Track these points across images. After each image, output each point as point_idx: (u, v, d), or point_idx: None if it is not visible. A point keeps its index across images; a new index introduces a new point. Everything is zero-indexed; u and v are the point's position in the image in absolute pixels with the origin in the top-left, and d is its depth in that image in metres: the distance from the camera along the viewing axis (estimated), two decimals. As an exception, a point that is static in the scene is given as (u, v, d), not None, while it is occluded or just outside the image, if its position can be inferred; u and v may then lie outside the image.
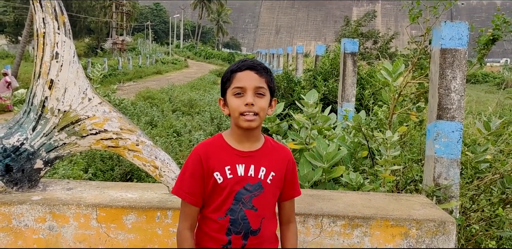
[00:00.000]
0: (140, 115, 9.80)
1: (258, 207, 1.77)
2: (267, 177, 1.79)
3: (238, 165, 1.77)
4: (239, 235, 1.76)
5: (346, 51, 6.44)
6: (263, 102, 1.73)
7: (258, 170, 1.78)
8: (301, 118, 4.18)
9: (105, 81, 21.35)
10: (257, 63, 1.77)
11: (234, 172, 1.76)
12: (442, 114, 3.25)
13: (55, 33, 2.55)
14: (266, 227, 1.81)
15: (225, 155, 1.78)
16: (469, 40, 3.46)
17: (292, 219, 1.95)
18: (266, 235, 1.82)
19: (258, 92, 1.73)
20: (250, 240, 1.77)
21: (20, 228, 2.48)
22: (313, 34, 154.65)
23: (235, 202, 1.75)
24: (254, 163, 1.78)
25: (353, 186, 3.37)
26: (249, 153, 1.79)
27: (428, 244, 2.42)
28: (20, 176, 2.62)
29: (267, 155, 1.82)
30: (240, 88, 1.72)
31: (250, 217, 1.76)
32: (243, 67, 1.75)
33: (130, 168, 5.90)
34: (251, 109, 1.70)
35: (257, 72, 1.74)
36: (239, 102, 1.71)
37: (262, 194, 1.78)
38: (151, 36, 71.18)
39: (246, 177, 1.77)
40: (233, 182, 1.75)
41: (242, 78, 1.73)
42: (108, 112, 2.68)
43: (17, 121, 2.64)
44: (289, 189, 1.90)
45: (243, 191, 1.76)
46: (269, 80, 1.77)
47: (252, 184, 1.77)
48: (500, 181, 3.67)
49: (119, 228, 2.48)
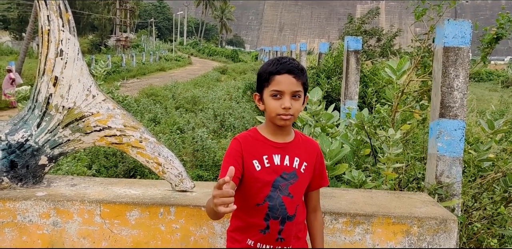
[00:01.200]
0: (144, 112, 9.82)
1: (294, 194, 1.89)
2: (300, 167, 1.91)
3: (275, 155, 1.88)
4: (276, 220, 1.87)
5: (349, 49, 6.45)
6: (298, 104, 1.84)
7: (292, 160, 1.90)
8: (305, 115, 4.19)
9: (108, 78, 21.42)
10: (295, 66, 1.84)
11: (271, 161, 1.87)
12: (445, 112, 3.25)
13: (59, 31, 2.57)
14: (299, 213, 1.93)
15: (261, 146, 1.89)
16: (473, 39, 3.46)
17: (318, 207, 2.09)
18: (300, 221, 1.94)
19: (294, 95, 1.82)
20: (287, 225, 1.88)
21: (25, 223, 2.50)
22: (317, 31, 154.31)
23: (273, 189, 1.86)
24: (289, 153, 1.90)
25: (355, 183, 3.39)
26: (283, 145, 1.91)
27: (430, 242, 2.43)
28: (24, 172, 2.65)
29: (299, 147, 1.94)
30: (279, 91, 1.81)
31: (287, 204, 1.87)
32: (282, 70, 1.81)
33: (133, 164, 5.93)
34: (287, 112, 1.81)
35: (295, 76, 1.82)
36: (276, 104, 1.81)
37: (297, 182, 1.90)
38: (154, 33, 71.15)
39: (282, 166, 1.88)
40: (271, 170, 1.86)
41: (281, 82, 1.81)
42: (112, 109, 2.69)
43: (22, 117, 2.66)
44: (319, 179, 2.01)
45: (280, 179, 1.87)
46: (304, 81, 1.86)
47: (288, 172, 1.88)
48: (503, 179, 3.67)
49: (122, 224, 2.50)
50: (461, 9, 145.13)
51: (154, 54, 42.52)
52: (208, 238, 2.47)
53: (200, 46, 68.49)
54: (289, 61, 1.86)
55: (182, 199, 2.59)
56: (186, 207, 2.49)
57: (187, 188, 2.73)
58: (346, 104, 6.26)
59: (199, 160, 6.43)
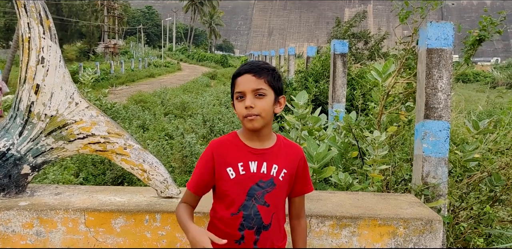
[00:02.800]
0: (132, 119, 9.79)
1: (270, 203, 1.83)
2: (279, 174, 1.85)
3: (251, 162, 1.83)
4: (251, 230, 1.82)
5: (336, 52, 6.48)
6: (263, 102, 1.77)
7: (270, 167, 1.84)
8: (292, 119, 4.19)
9: (97, 85, 21.32)
10: (256, 65, 1.81)
11: (246, 168, 1.82)
12: (430, 114, 3.27)
13: (40, 38, 2.55)
14: (276, 222, 1.87)
15: (238, 152, 1.84)
16: (458, 41, 3.49)
17: (302, 214, 2.02)
18: (276, 229, 1.88)
19: (258, 94, 1.77)
20: (262, 235, 1.83)
21: (8, 234, 2.47)
22: (306, 35, 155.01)
23: (248, 198, 1.81)
24: (267, 160, 1.84)
25: (342, 186, 3.39)
26: (262, 151, 1.85)
27: (416, 242, 2.43)
28: (7, 182, 2.61)
29: (279, 153, 1.88)
30: (240, 92, 1.78)
31: (263, 213, 1.82)
32: (242, 71, 1.81)
33: (121, 172, 5.90)
34: (250, 112, 1.75)
35: (255, 74, 1.78)
36: (241, 105, 1.78)
37: (274, 190, 1.84)
38: (143, 40, 71.03)
39: (258, 173, 1.83)
40: (246, 178, 1.82)
41: (241, 83, 1.79)
42: (96, 116, 2.67)
43: (3, 126, 2.63)
44: (302, 185, 1.96)
45: (256, 187, 1.82)
46: (270, 79, 1.80)
47: (264, 180, 1.83)
48: (489, 179, 3.70)
49: (107, 232, 2.48)
50: (447, 11, 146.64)
51: (143, 61, 42.42)
52: (194, 244, 2.45)
53: (189, 52, 68.48)
54: (252, 62, 1.84)
55: (167, 205, 2.57)
56: (172, 213, 2.47)
57: (172, 195, 2.72)
58: (334, 107, 6.28)
59: (188, 166, 6.41)
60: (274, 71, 1.84)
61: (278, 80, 1.84)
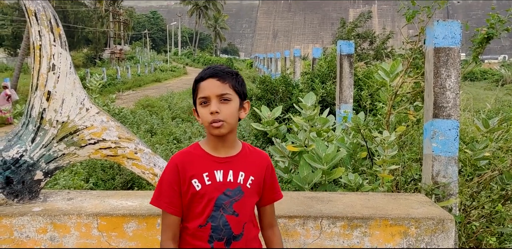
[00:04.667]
0: (140, 124, 9.83)
1: (239, 212, 1.76)
2: (246, 182, 1.78)
3: (216, 171, 1.76)
4: (221, 242, 1.74)
5: (342, 53, 6.48)
6: (228, 108, 1.72)
7: (237, 175, 1.77)
8: (300, 120, 4.20)
9: (104, 91, 21.45)
10: (219, 69, 1.75)
11: (212, 178, 1.75)
12: (438, 113, 3.27)
13: (51, 45, 2.59)
14: (248, 231, 1.80)
15: (202, 162, 1.77)
16: (465, 39, 3.48)
17: (275, 223, 1.94)
18: (249, 239, 1.81)
19: (223, 99, 1.71)
20: (233, 245, 1.76)
21: (22, 239, 2.50)
22: (311, 37, 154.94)
23: (216, 209, 1.74)
24: (233, 168, 1.77)
25: (352, 187, 3.39)
26: (227, 159, 1.78)
27: (428, 242, 2.43)
28: (20, 188, 2.65)
29: (245, 160, 1.81)
30: (204, 98, 1.72)
31: (232, 223, 1.75)
32: (205, 75, 1.74)
33: (130, 176, 5.92)
34: (216, 118, 1.69)
35: (219, 79, 1.72)
36: (205, 111, 1.71)
37: (242, 198, 1.76)
38: (149, 45, 71.38)
39: (225, 182, 1.75)
40: (212, 188, 1.74)
41: (205, 87, 1.72)
42: (106, 122, 2.70)
43: (16, 133, 2.67)
44: (270, 193, 1.89)
45: (223, 196, 1.74)
46: (234, 84, 1.75)
47: (231, 189, 1.76)
48: (500, 177, 3.68)
49: (120, 236, 2.50)
50: (453, 10, 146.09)
51: (149, 65, 42.60)
52: (207, 247, 2.47)
53: (194, 56, 68.68)
54: (215, 66, 1.78)
55: (179, 209, 2.58)
56: (184, 216, 2.48)
57: (184, 198, 2.73)
58: (341, 108, 6.27)
59: (197, 170, 6.42)
60: (238, 75, 1.80)
61: (242, 84, 1.80)
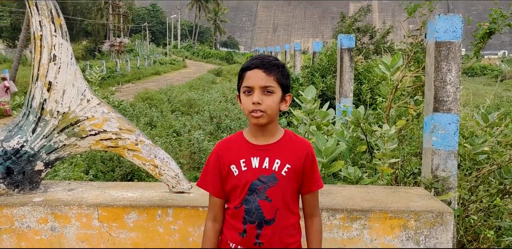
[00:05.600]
0: (139, 116, 9.83)
1: (272, 198, 1.83)
2: (281, 169, 1.84)
3: (253, 158, 1.84)
4: (253, 225, 1.83)
5: (343, 47, 6.47)
6: (270, 100, 1.77)
7: (272, 162, 1.84)
8: (300, 114, 4.20)
9: (103, 84, 21.38)
10: (267, 61, 1.80)
11: (248, 164, 1.84)
12: (439, 107, 3.27)
13: (52, 36, 2.58)
14: (282, 218, 1.85)
15: (241, 149, 1.87)
16: (467, 34, 3.48)
17: (315, 213, 1.98)
18: (283, 226, 1.85)
19: (266, 90, 1.77)
20: (265, 229, 1.83)
21: (23, 229, 2.51)
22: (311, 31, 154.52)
23: (250, 193, 1.83)
24: (269, 155, 1.84)
25: (351, 180, 3.40)
26: (265, 147, 1.86)
27: (427, 235, 2.44)
28: (21, 178, 2.65)
29: (283, 148, 1.87)
30: (248, 87, 1.78)
31: (264, 207, 1.82)
32: (252, 65, 1.79)
33: (130, 169, 5.94)
34: (257, 108, 1.75)
35: (265, 70, 1.77)
36: (248, 100, 1.78)
37: (276, 185, 1.83)
38: (148, 37, 71.09)
39: (260, 169, 1.83)
40: (248, 174, 1.83)
41: (250, 77, 1.78)
42: (107, 113, 2.70)
43: (17, 124, 2.67)
44: (309, 182, 1.92)
45: (257, 182, 1.83)
46: (279, 77, 1.79)
47: (266, 175, 1.83)
48: (498, 172, 3.70)
49: (120, 227, 2.51)
50: (454, 5, 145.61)
51: (149, 58, 42.49)
52: (207, 238, 2.48)
53: (194, 49, 68.49)
54: (262, 57, 1.83)
55: (179, 200, 2.60)
56: (184, 208, 2.49)
57: (184, 190, 2.74)
58: (341, 102, 6.28)
59: (196, 162, 6.44)
60: (284, 68, 1.84)
61: (286, 77, 1.84)
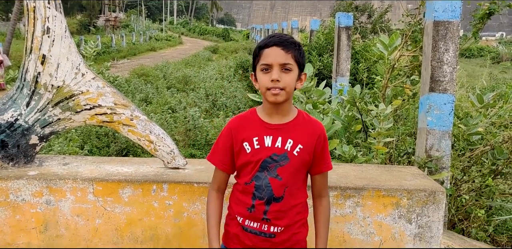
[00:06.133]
0: (135, 92, 9.78)
1: (283, 176, 1.86)
2: (293, 149, 1.87)
3: (266, 136, 1.87)
4: (262, 201, 1.86)
5: (341, 25, 6.41)
6: (289, 77, 1.79)
7: (285, 142, 1.86)
8: (296, 92, 4.19)
9: (98, 59, 21.15)
10: (284, 39, 1.81)
11: (261, 143, 1.87)
12: (435, 87, 3.27)
13: (45, 8, 2.53)
14: (290, 196, 1.89)
15: (254, 127, 1.89)
16: (466, 15, 3.45)
17: (323, 194, 2.02)
18: (291, 204, 1.89)
19: (284, 68, 1.78)
20: (273, 206, 1.86)
21: (18, 202, 2.51)
22: (309, 9, 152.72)
23: (261, 170, 1.86)
24: (282, 135, 1.87)
25: (346, 158, 3.42)
26: (278, 126, 1.88)
27: (419, 213, 2.47)
28: (15, 152, 2.65)
29: (296, 128, 1.89)
30: (267, 65, 1.78)
31: (274, 185, 1.86)
32: (270, 43, 1.79)
33: (126, 144, 5.94)
34: (276, 85, 1.77)
35: (284, 48, 1.78)
36: (266, 78, 1.79)
37: (288, 164, 1.86)
38: (144, 13, 70.00)
39: (273, 148, 1.86)
40: (260, 152, 1.86)
41: (269, 55, 1.79)
42: (102, 87, 2.68)
43: (11, 97, 2.65)
44: (319, 164, 1.95)
45: (269, 160, 1.86)
46: (296, 55, 1.81)
47: (278, 154, 1.86)
48: (491, 152, 3.73)
49: (115, 202, 2.52)
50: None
51: (144, 34, 41.94)
52: (201, 213, 2.50)
53: (190, 26, 67.60)
54: (280, 35, 1.83)
55: (174, 176, 2.61)
56: (179, 183, 2.51)
57: (179, 165, 2.75)
58: (338, 81, 6.26)
59: (191, 139, 6.44)
60: (300, 46, 1.85)
61: (303, 56, 1.86)
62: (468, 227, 3.46)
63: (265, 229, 1.87)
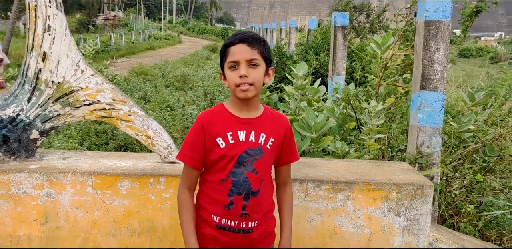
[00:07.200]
0: (133, 91, 9.85)
1: (258, 170, 1.90)
2: (267, 143, 1.91)
3: (240, 131, 1.89)
4: (240, 196, 1.88)
5: (337, 25, 6.49)
6: (256, 72, 1.83)
7: (258, 136, 1.90)
8: (291, 89, 4.27)
9: (97, 58, 21.20)
10: (249, 35, 1.85)
11: (235, 137, 1.88)
12: (426, 85, 3.35)
13: (46, 6, 2.61)
14: (265, 189, 1.94)
15: (227, 122, 1.90)
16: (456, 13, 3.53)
17: (288, 182, 2.10)
18: (265, 196, 1.95)
19: (251, 64, 1.82)
20: (251, 200, 1.90)
21: (19, 195, 2.59)
22: (308, 9, 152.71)
23: (237, 165, 1.88)
24: (255, 129, 1.90)
25: (339, 154, 3.50)
26: (250, 120, 1.91)
27: (407, 206, 2.56)
28: (17, 146, 2.73)
29: (266, 122, 1.94)
30: (234, 62, 1.82)
31: (251, 179, 1.89)
32: (235, 41, 1.84)
33: (124, 141, 6.01)
34: (244, 81, 1.80)
35: (249, 44, 1.82)
36: (234, 74, 1.82)
37: (262, 158, 1.90)
38: (143, 12, 70.00)
39: (247, 142, 1.89)
40: (235, 146, 1.88)
41: (235, 52, 1.82)
42: (101, 84, 2.76)
43: (12, 93, 2.73)
44: (288, 154, 2.03)
45: (245, 155, 1.88)
46: (262, 50, 1.85)
47: (253, 148, 1.89)
48: (482, 150, 3.81)
49: (114, 195, 2.60)
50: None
51: (143, 33, 41.97)
52: (196, 206, 2.58)
53: (189, 25, 67.61)
54: (244, 32, 1.88)
55: (171, 169, 2.69)
56: (176, 177, 2.58)
57: (176, 160, 2.82)
58: (334, 79, 6.34)
59: (189, 137, 6.51)
60: (265, 42, 1.89)
61: (268, 51, 1.90)
62: (459, 222, 3.54)
63: (243, 226, 1.89)
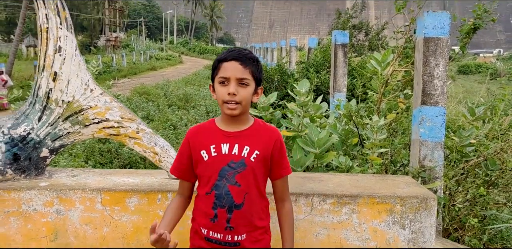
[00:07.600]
0: (136, 110, 9.94)
1: (241, 183, 1.90)
2: (250, 155, 1.91)
3: (223, 144, 1.91)
4: (223, 209, 1.90)
5: (337, 43, 6.61)
6: (245, 92, 1.85)
7: (242, 149, 1.91)
8: (294, 106, 4.35)
9: (99, 78, 21.45)
10: (244, 54, 1.88)
11: (218, 150, 1.91)
12: (426, 100, 3.42)
13: (57, 28, 2.70)
14: (251, 202, 1.92)
15: (211, 136, 1.94)
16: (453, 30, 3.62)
17: (285, 198, 2.07)
18: (252, 210, 1.94)
19: (241, 82, 1.84)
20: (235, 213, 1.90)
21: (30, 212, 2.63)
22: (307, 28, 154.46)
23: (220, 178, 1.90)
24: (239, 142, 1.92)
25: (342, 169, 3.55)
26: (235, 133, 1.93)
27: (412, 219, 2.59)
28: (27, 164, 2.78)
29: (252, 135, 1.94)
30: (225, 78, 1.85)
31: (233, 192, 1.89)
32: (229, 57, 1.86)
33: (128, 160, 6.06)
34: (232, 99, 1.83)
35: (242, 63, 1.85)
36: (223, 90, 1.85)
37: (245, 171, 1.90)
38: (144, 33, 70.93)
39: (230, 155, 1.90)
40: (218, 159, 1.90)
41: (227, 69, 1.85)
42: (109, 102, 2.83)
43: (23, 112, 2.80)
44: (278, 168, 2.00)
45: (227, 168, 1.90)
46: (254, 70, 1.88)
47: (235, 161, 1.90)
48: (484, 163, 3.85)
49: (122, 211, 2.64)
50: (449, 3, 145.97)
51: (145, 54, 42.45)
52: (204, 221, 2.61)
53: (190, 45, 68.36)
54: (239, 50, 1.90)
55: (178, 185, 2.73)
56: (183, 193, 2.62)
57: (182, 176, 2.87)
58: (335, 96, 6.42)
59: (193, 155, 6.56)
60: (258, 62, 1.93)
61: (260, 71, 1.94)
62: (463, 236, 3.57)
63: (229, 239, 1.90)
